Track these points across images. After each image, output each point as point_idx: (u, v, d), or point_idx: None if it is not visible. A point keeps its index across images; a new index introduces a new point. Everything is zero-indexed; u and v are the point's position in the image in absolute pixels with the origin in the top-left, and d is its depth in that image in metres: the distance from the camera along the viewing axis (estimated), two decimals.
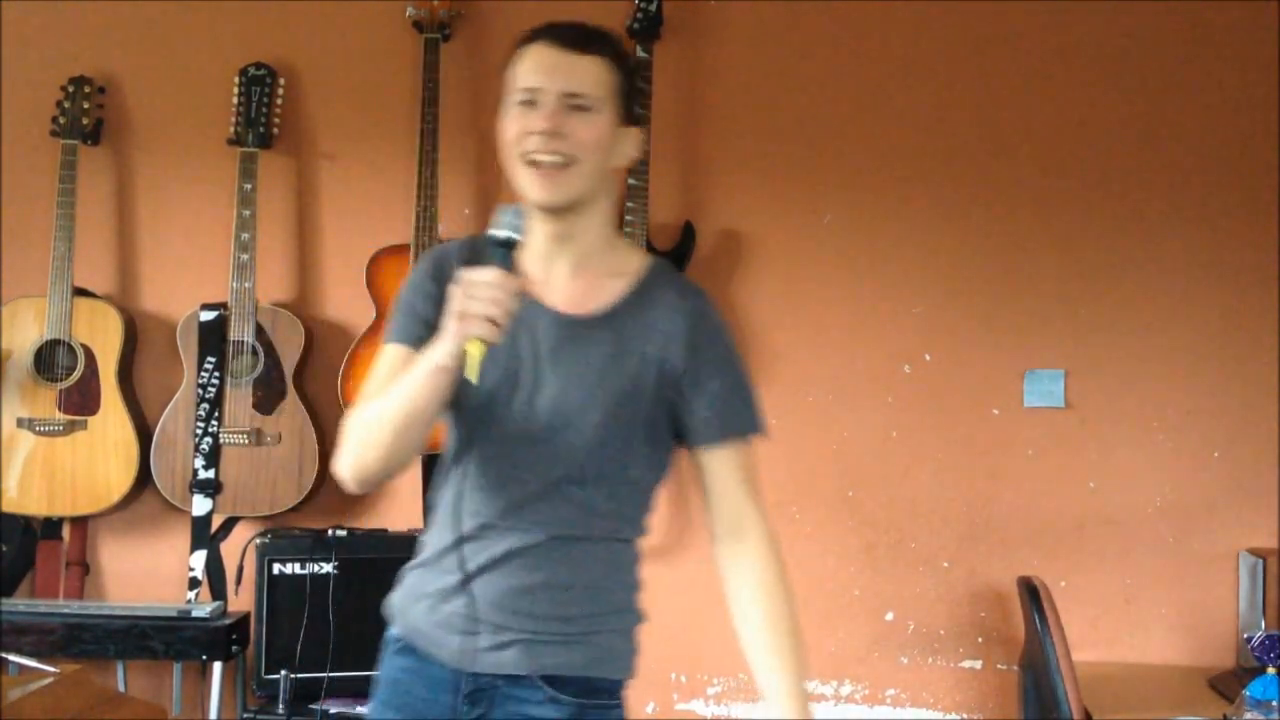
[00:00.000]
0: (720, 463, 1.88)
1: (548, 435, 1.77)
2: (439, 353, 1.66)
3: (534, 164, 1.74)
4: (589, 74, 1.79)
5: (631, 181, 3.43)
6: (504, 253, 1.68)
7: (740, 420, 1.89)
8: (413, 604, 1.90)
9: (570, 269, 1.82)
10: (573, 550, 1.80)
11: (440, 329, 1.69)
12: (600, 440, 1.77)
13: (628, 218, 3.42)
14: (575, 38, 1.82)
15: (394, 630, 1.92)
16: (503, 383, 1.76)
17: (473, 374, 1.63)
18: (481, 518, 1.77)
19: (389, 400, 1.73)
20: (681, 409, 1.83)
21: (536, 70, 1.81)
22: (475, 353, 1.62)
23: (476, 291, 1.63)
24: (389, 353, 1.83)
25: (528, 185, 1.75)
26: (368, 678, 3.25)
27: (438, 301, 1.76)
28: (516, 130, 1.76)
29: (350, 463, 1.82)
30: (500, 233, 1.69)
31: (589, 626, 1.81)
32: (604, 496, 1.81)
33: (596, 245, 1.83)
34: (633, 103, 1.86)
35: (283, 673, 3.19)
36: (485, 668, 1.79)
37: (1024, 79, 3.56)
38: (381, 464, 1.79)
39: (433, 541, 1.89)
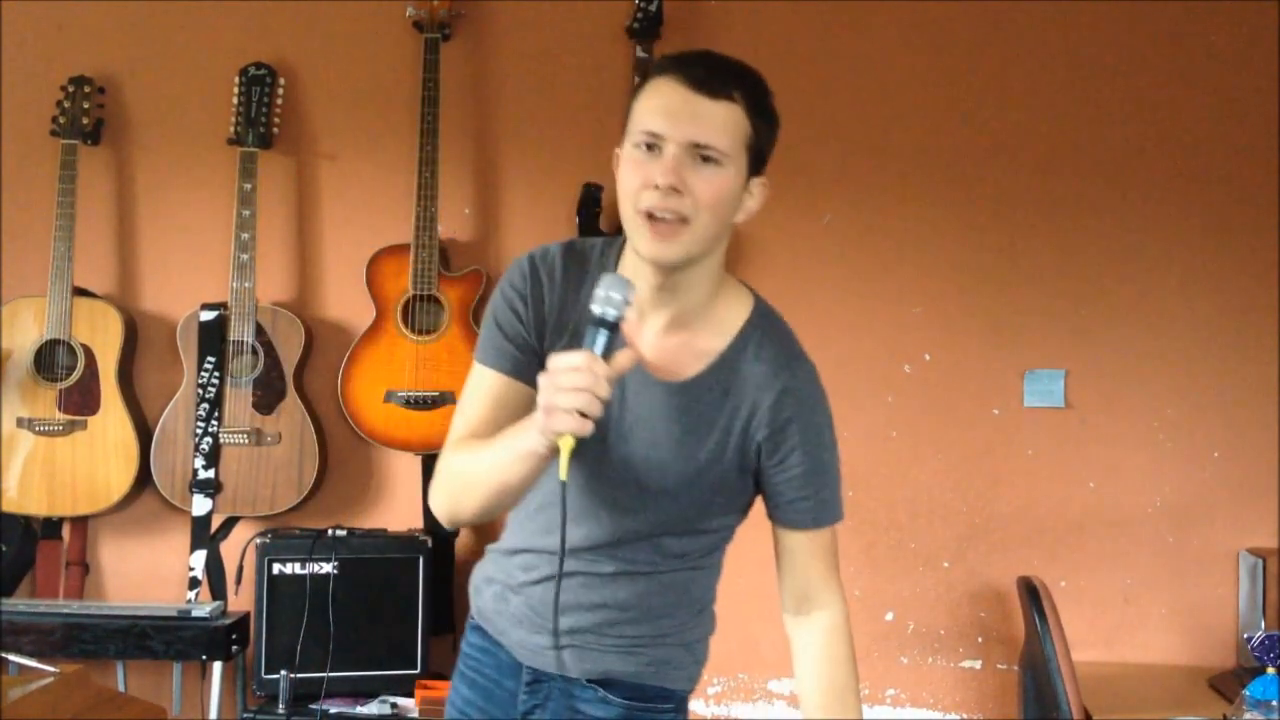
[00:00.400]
0: (800, 544, 1.83)
1: (626, 488, 1.73)
2: (529, 441, 1.56)
3: (650, 218, 1.61)
4: (721, 123, 1.61)
5: None
6: (604, 334, 1.55)
7: (823, 509, 1.81)
8: (485, 587, 1.91)
9: (666, 324, 1.71)
10: (638, 582, 1.79)
11: (534, 345, 1.68)
12: (675, 503, 1.75)
13: None
14: (710, 78, 1.62)
15: (471, 607, 1.94)
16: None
17: (563, 472, 1.53)
18: (556, 536, 1.66)
19: (481, 465, 1.66)
20: (764, 482, 1.79)
21: (663, 113, 1.62)
22: (566, 448, 1.52)
23: (565, 381, 1.50)
24: (481, 375, 1.76)
25: (640, 239, 1.63)
26: (368, 678, 3.29)
27: (526, 322, 1.72)
28: (637, 181, 1.62)
29: (446, 507, 1.75)
30: (600, 309, 1.56)
31: (645, 642, 1.81)
32: (677, 543, 1.80)
33: (699, 301, 1.72)
34: (766, 154, 1.69)
35: (283, 673, 3.19)
36: (542, 665, 1.81)
37: (1024, 79, 3.56)
38: (475, 518, 1.74)
39: (513, 530, 1.88)
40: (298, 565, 3.31)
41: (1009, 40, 3.57)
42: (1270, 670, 2.89)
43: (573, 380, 1.50)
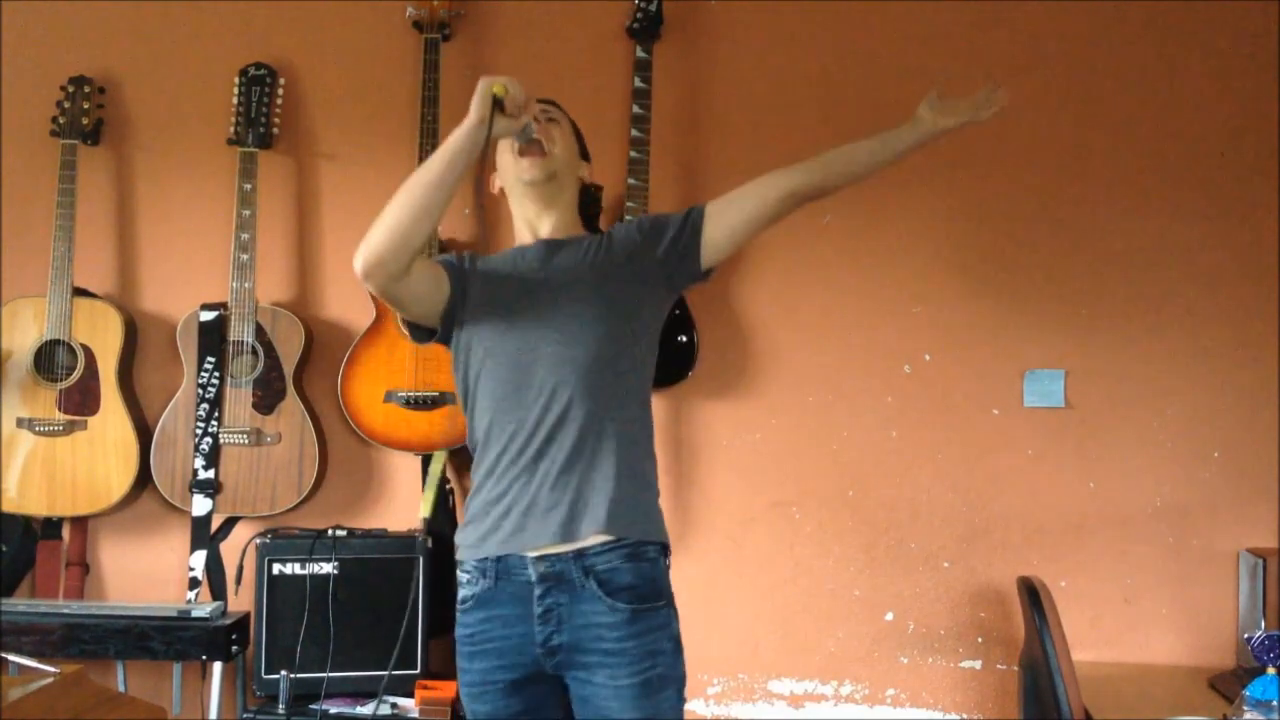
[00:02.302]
0: (723, 211, 2.39)
1: (551, 340, 2.29)
2: (471, 113, 2.17)
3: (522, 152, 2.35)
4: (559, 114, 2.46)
5: (631, 181, 3.43)
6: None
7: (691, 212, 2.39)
8: (473, 528, 2.39)
9: (549, 231, 2.41)
10: (588, 440, 2.31)
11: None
12: (592, 330, 2.30)
13: (628, 218, 3.42)
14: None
15: (462, 577, 2.40)
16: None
17: (497, 88, 2.17)
18: (516, 431, 2.36)
19: (420, 172, 2.20)
20: (660, 258, 2.38)
21: None
22: (496, 89, 2.17)
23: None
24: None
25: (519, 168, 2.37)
26: (368, 678, 3.29)
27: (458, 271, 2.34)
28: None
29: (369, 241, 2.20)
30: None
31: (616, 494, 2.30)
32: (605, 391, 2.29)
33: (566, 222, 2.44)
34: (581, 145, 2.49)
35: (283, 673, 3.19)
36: (551, 549, 2.28)
37: (1024, 79, 3.56)
38: (400, 229, 2.18)
39: (479, 474, 2.41)
40: (298, 565, 3.31)
41: (1009, 40, 3.57)
42: (1270, 670, 2.89)
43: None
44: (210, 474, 3.45)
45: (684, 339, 3.48)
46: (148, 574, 3.60)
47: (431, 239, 3.42)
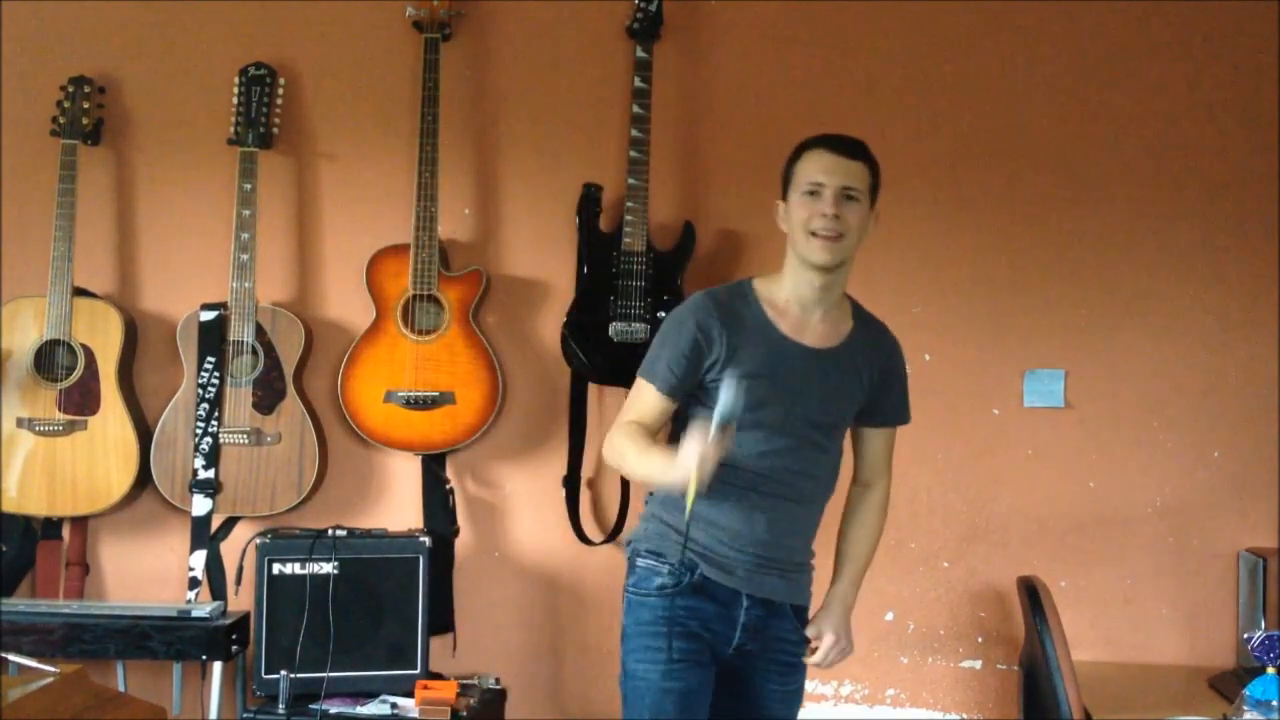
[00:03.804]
0: (881, 438, 2.69)
1: (808, 426, 2.52)
2: (667, 475, 2.31)
3: (814, 235, 2.46)
4: (859, 174, 2.51)
5: (631, 181, 3.43)
6: (722, 428, 2.26)
7: (902, 413, 2.71)
8: (705, 533, 2.61)
9: (822, 315, 2.55)
10: (811, 506, 2.68)
11: (701, 377, 2.48)
12: (835, 427, 2.60)
13: (628, 218, 3.42)
14: (847, 146, 2.52)
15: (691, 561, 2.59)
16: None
17: (686, 512, 2.29)
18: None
19: (630, 457, 2.44)
20: (869, 404, 2.62)
21: (821, 170, 2.49)
22: (691, 492, 2.25)
23: (705, 461, 2.23)
24: (646, 391, 2.51)
25: (810, 251, 2.47)
26: (368, 678, 3.29)
27: (693, 360, 2.46)
28: (805, 214, 2.47)
29: (609, 459, 2.56)
30: (726, 412, 2.27)
31: (803, 562, 2.69)
32: (826, 457, 2.59)
33: (839, 297, 2.58)
34: (878, 193, 2.57)
35: (283, 673, 3.19)
36: (758, 590, 2.56)
37: (1023, 79, 3.56)
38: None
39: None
40: (298, 565, 3.30)
41: (1008, 40, 3.57)
42: (1270, 670, 2.89)
43: (709, 463, 2.25)
44: (210, 474, 3.45)
45: None
46: (148, 574, 3.60)
47: (440, 249, 3.43)
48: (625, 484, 3.51)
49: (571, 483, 3.54)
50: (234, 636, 3.28)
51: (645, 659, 2.47)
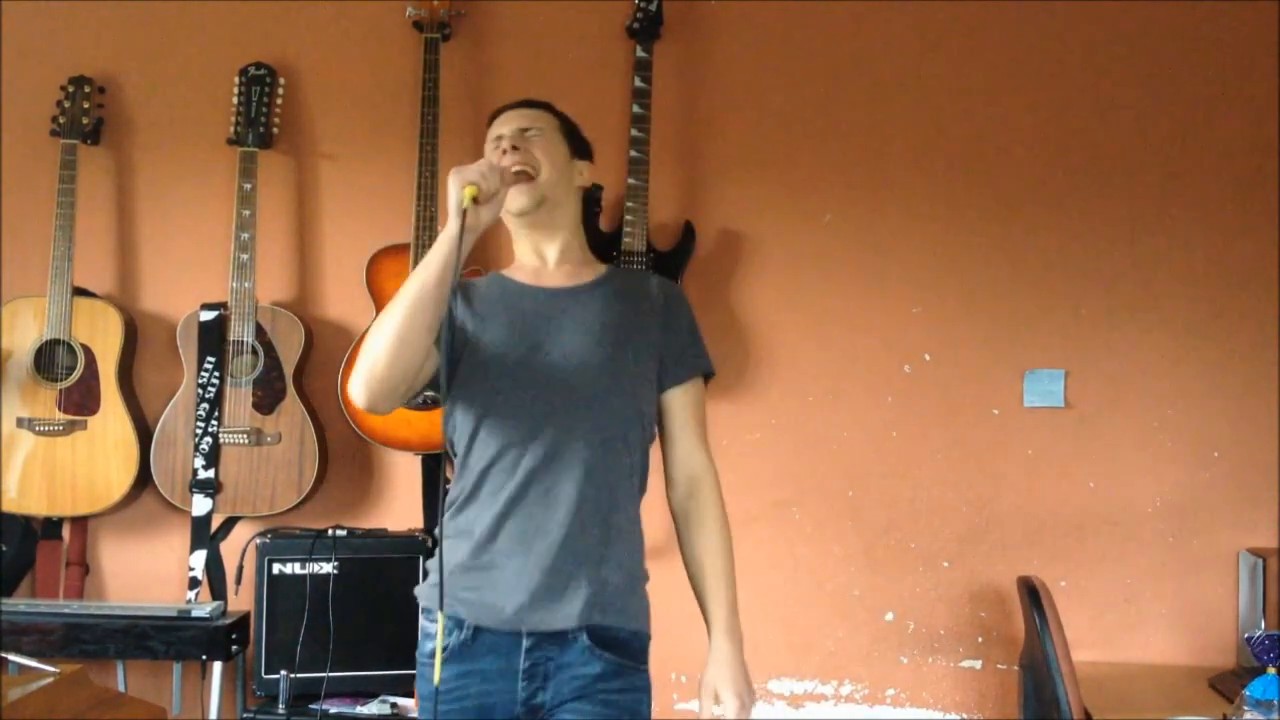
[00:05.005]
0: (679, 400, 2.23)
1: (556, 391, 2.10)
2: (449, 224, 1.98)
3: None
4: (534, 117, 2.28)
5: (631, 181, 3.43)
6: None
7: (696, 358, 2.26)
8: (459, 578, 2.16)
9: (558, 259, 2.23)
10: (584, 497, 2.13)
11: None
12: (596, 390, 2.12)
13: (628, 217, 3.42)
14: (523, 101, 2.34)
15: (430, 639, 2.19)
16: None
17: (466, 200, 1.98)
18: (511, 477, 2.15)
19: (399, 293, 2.00)
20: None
21: (501, 124, 2.27)
22: (468, 194, 1.98)
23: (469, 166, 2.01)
24: None
25: (511, 200, 2.14)
26: (368, 678, 3.28)
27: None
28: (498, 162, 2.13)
29: (361, 374, 2.01)
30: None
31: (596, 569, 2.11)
32: (607, 448, 2.13)
33: (578, 251, 2.26)
34: (576, 141, 2.30)
35: (283, 673, 3.19)
36: (535, 619, 2.09)
37: (1024, 79, 3.56)
38: (391, 358, 1.98)
39: (470, 515, 2.18)
40: (298, 565, 3.30)
41: (1009, 40, 3.57)
42: (1270, 670, 2.89)
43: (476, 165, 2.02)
44: (210, 474, 3.45)
45: None
46: (148, 574, 3.60)
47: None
48: None
49: None
50: (234, 636, 3.28)
51: None
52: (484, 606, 2.05)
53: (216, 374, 3.46)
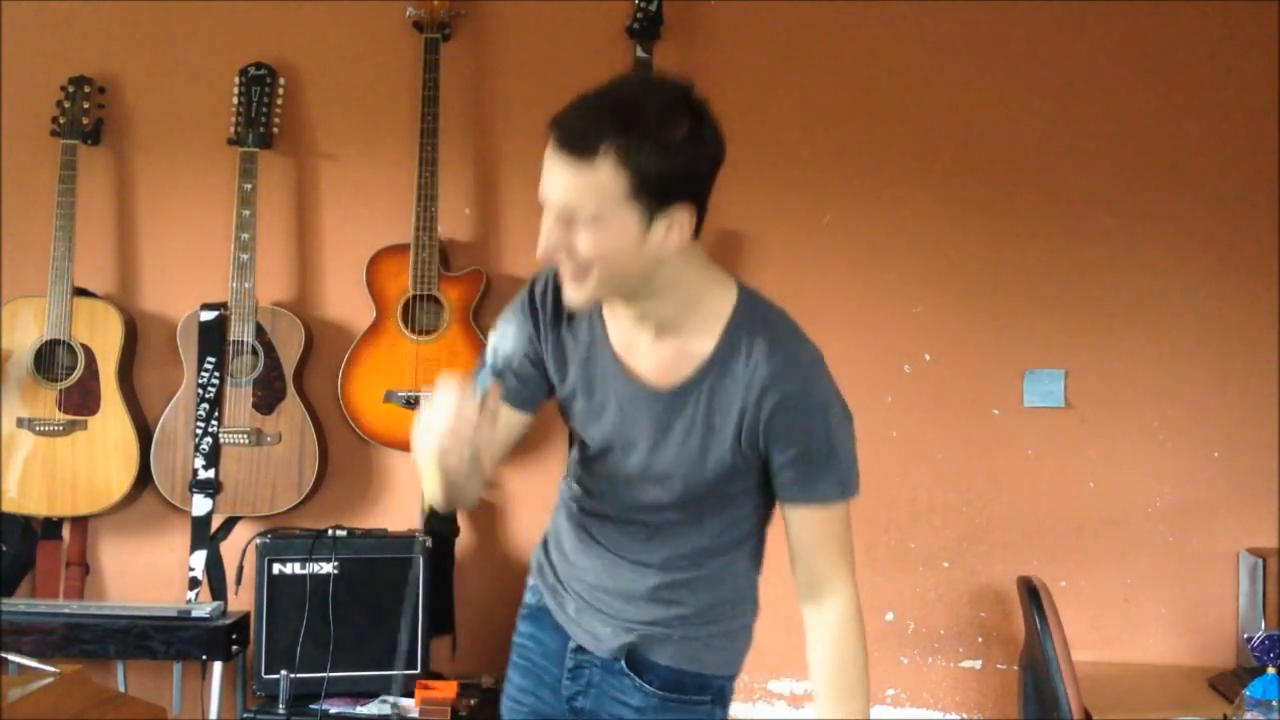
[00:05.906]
0: (802, 524, 1.86)
1: (645, 491, 1.85)
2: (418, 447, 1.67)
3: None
4: (588, 187, 1.65)
5: None
6: (485, 375, 1.68)
7: (821, 486, 1.86)
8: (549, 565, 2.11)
9: (654, 334, 1.79)
10: (679, 574, 1.95)
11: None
12: (691, 497, 1.83)
13: None
14: (576, 136, 1.70)
15: (529, 592, 2.13)
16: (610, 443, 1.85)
17: (427, 502, 1.65)
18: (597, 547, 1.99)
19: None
20: (769, 468, 1.83)
21: (544, 176, 1.71)
22: (427, 492, 1.68)
23: (428, 421, 1.62)
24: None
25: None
26: (368, 678, 3.28)
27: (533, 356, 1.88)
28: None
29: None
30: (489, 358, 1.72)
31: (682, 625, 1.97)
32: (705, 533, 1.91)
33: (676, 310, 1.77)
34: (670, 181, 1.71)
35: (283, 673, 3.19)
36: (589, 644, 1.98)
37: (1023, 79, 3.56)
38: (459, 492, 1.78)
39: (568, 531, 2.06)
40: (298, 565, 3.30)
41: (1008, 40, 3.57)
42: (1270, 670, 2.88)
43: (434, 422, 1.62)
44: (210, 474, 3.45)
45: None
46: (148, 574, 3.60)
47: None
48: None
49: None
50: (234, 636, 3.28)
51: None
52: (551, 591, 2.00)
53: (217, 374, 3.46)
